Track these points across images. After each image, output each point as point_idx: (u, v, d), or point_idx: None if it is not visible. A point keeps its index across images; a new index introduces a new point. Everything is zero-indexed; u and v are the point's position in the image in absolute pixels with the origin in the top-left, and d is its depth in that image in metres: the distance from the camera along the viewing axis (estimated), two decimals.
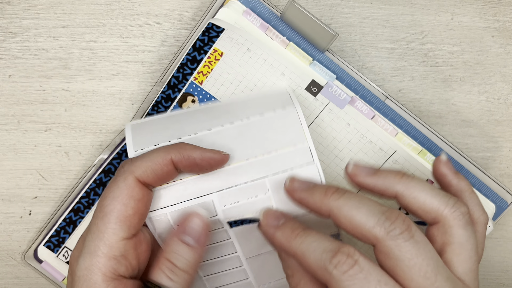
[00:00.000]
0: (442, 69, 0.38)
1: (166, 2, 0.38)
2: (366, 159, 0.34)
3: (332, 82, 0.34)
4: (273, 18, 0.35)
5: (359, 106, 0.34)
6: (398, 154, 0.34)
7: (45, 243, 0.36)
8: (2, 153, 0.37)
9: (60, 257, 0.36)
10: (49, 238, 0.36)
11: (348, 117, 0.34)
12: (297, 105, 0.31)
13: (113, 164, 0.36)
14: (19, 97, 0.37)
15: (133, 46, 0.38)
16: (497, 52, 0.38)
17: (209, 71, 0.35)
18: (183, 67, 0.35)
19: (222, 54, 0.35)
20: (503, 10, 0.38)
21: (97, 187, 0.36)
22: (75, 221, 0.36)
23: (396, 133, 0.34)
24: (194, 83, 0.35)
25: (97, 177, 0.36)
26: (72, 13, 0.37)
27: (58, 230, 0.36)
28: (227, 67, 0.35)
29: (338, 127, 0.34)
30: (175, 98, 0.35)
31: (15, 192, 0.37)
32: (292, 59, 0.35)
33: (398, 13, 0.38)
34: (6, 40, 0.37)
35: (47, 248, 0.36)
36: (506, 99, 0.38)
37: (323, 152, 0.35)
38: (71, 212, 0.36)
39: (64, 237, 0.36)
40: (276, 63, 0.34)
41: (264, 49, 0.34)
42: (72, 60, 0.37)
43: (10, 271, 0.37)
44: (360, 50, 0.38)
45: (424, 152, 0.34)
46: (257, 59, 0.34)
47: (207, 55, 0.35)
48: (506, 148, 0.38)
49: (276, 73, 0.34)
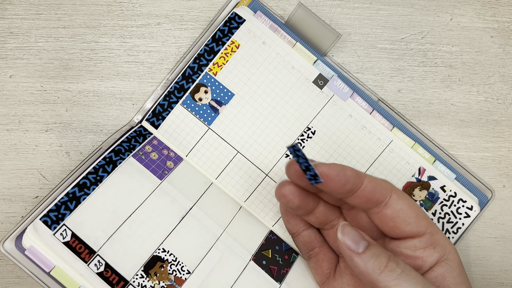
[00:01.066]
0: (441, 69, 0.38)
1: (167, 3, 0.38)
2: (365, 148, 0.36)
3: (337, 77, 0.36)
4: (279, 24, 0.37)
5: (359, 101, 0.36)
6: (394, 144, 0.36)
7: (42, 218, 0.31)
8: (3, 153, 0.37)
9: (56, 235, 0.31)
10: (47, 213, 0.31)
11: (350, 109, 0.36)
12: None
13: (123, 146, 0.35)
14: (20, 97, 0.37)
15: (133, 46, 0.38)
16: (496, 53, 0.38)
17: (225, 62, 0.36)
18: (200, 58, 0.36)
19: (239, 46, 0.36)
20: (502, 11, 0.38)
21: (106, 165, 0.34)
22: (79, 197, 0.32)
23: (392, 127, 0.36)
24: (208, 74, 0.36)
25: (107, 155, 0.34)
26: (73, 13, 0.38)
27: (58, 204, 0.32)
28: (242, 59, 0.36)
29: (341, 118, 0.36)
30: (188, 89, 0.36)
31: (16, 192, 0.37)
32: (299, 58, 0.37)
33: (397, 14, 0.38)
34: (7, 40, 0.37)
35: (44, 224, 0.31)
36: (505, 99, 0.38)
37: (327, 142, 0.36)
38: (75, 187, 0.32)
39: (64, 214, 0.32)
40: (288, 56, 0.36)
41: (278, 43, 0.36)
42: (73, 60, 0.38)
43: (11, 270, 0.37)
44: (360, 51, 0.38)
45: (417, 146, 0.36)
46: (271, 52, 0.36)
47: (224, 47, 0.36)
48: (505, 148, 0.38)
49: (287, 66, 0.36)
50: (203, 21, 0.38)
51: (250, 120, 0.36)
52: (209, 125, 0.36)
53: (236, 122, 0.36)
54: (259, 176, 0.36)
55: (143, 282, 0.32)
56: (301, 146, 0.36)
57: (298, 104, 0.36)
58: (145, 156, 0.36)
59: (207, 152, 0.36)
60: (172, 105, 0.36)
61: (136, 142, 0.36)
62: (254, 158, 0.36)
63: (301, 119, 0.36)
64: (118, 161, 0.35)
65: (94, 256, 0.31)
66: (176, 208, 0.34)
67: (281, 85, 0.36)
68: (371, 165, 0.36)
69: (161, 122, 0.36)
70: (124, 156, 0.35)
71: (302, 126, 0.36)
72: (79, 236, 0.32)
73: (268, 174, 0.36)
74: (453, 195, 0.36)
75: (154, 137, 0.36)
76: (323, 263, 0.33)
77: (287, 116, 0.36)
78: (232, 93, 0.36)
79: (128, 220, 0.33)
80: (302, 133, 0.36)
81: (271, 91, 0.36)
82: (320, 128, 0.36)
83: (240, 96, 0.36)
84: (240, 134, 0.36)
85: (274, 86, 0.36)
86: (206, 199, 0.36)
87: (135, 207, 0.33)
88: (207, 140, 0.36)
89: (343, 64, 0.38)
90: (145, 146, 0.36)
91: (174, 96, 0.36)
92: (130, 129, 0.36)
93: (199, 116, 0.36)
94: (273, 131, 0.36)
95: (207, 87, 0.36)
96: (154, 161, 0.36)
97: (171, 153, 0.36)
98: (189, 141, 0.36)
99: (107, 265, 0.32)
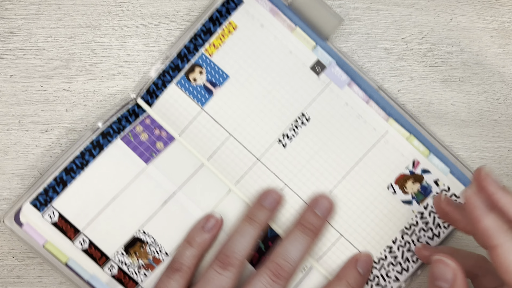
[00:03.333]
0: (441, 69, 0.38)
1: (167, 3, 0.38)
2: (360, 138, 0.36)
3: (335, 64, 0.36)
4: (281, 6, 0.36)
5: (356, 90, 0.36)
6: (389, 135, 0.36)
7: (32, 201, 0.35)
8: (3, 153, 0.37)
9: (45, 217, 0.35)
10: (36, 196, 0.35)
11: (346, 96, 0.36)
12: None
13: (112, 128, 0.36)
14: (20, 97, 0.37)
15: (133, 46, 0.38)
16: (496, 53, 0.38)
17: (221, 43, 0.36)
18: (196, 38, 0.36)
19: (236, 28, 0.36)
20: (502, 11, 0.38)
21: (93, 149, 0.35)
22: (66, 181, 0.35)
23: (387, 118, 0.36)
24: (204, 54, 0.36)
25: (95, 138, 0.35)
26: (73, 13, 0.38)
27: (46, 189, 0.35)
28: (239, 40, 0.36)
29: (337, 106, 0.36)
30: (183, 69, 0.36)
31: (16, 192, 0.37)
32: (297, 43, 0.36)
33: (397, 14, 0.38)
34: (7, 40, 0.37)
35: (33, 206, 0.35)
36: (505, 99, 0.38)
37: (321, 129, 0.36)
38: (63, 171, 0.35)
39: (52, 197, 0.35)
40: (286, 40, 0.36)
41: (277, 26, 0.36)
42: (73, 60, 0.38)
43: (11, 270, 0.37)
44: (360, 51, 0.38)
45: (412, 138, 0.36)
46: (269, 35, 0.36)
47: (221, 27, 0.36)
48: (505, 148, 0.38)
49: (285, 50, 0.36)
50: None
51: (244, 104, 0.36)
52: (203, 106, 0.36)
53: (230, 105, 0.36)
54: (250, 160, 0.36)
55: (123, 259, 0.35)
56: (295, 132, 0.36)
57: (293, 89, 0.36)
58: (134, 137, 0.36)
59: (200, 133, 0.36)
60: (166, 84, 0.36)
61: (127, 122, 0.36)
62: (247, 142, 0.36)
63: (296, 105, 0.36)
64: (105, 144, 0.35)
65: (79, 234, 0.35)
66: (160, 192, 0.36)
67: (277, 70, 0.36)
68: (365, 155, 0.36)
69: (154, 101, 0.36)
70: (112, 139, 0.35)
71: (296, 112, 0.36)
72: (65, 217, 0.35)
73: (259, 158, 0.36)
74: (446, 189, 0.36)
75: (147, 116, 0.36)
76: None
77: (282, 101, 0.36)
78: (227, 75, 0.36)
79: (111, 203, 0.35)
80: (296, 119, 0.36)
81: (267, 75, 0.36)
82: (315, 115, 0.36)
83: (235, 78, 0.36)
84: (233, 117, 0.36)
85: (270, 70, 0.36)
86: (193, 183, 0.36)
87: (118, 191, 0.35)
88: (200, 122, 0.36)
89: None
90: (135, 127, 0.36)
91: (168, 75, 0.36)
92: (123, 107, 0.36)
93: (193, 97, 0.36)
94: (267, 116, 0.36)
95: (202, 68, 0.36)
96: (143, 142, 0.36)
97: (163, 132, 0.36)
98: (182, 121, 0.36)
99: (91, 243, 0.35)
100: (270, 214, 0.35)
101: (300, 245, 0.34)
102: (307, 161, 0.36)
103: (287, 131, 0.36)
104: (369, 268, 0.35)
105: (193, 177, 0.36)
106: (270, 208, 0.35)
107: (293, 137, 0.36)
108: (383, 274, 0.36)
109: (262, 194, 0.35)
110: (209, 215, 0.35)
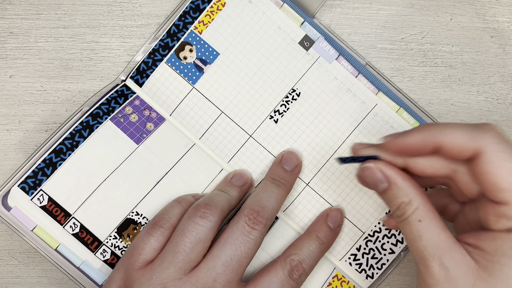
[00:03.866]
0: (441, 69, 0.38)
1: (167, 3, 0.38)
2: (350, 111, 0.36)
3: (323, 38, 0.36)
4: None
5: (345, 64, 0.36)
6: (379, 108, 0.36)
7: (20, 184, 0.34)
8: (3, 153, 0.37)
9: (34, 200, 0.34)
10: (24, 179, 0.34)
11: (335, 71, 0.36)
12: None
13: (101, 109, 0.36)
14: (20, 97, 0.37)
15: (133, 46, 0.38)
16: (496, 53, 0.38)
17: (210, 21, 0.36)
18: (185, 16, 0.36)
19: (225, 4, 0.36)
20: (502, 11, 0.38)
21: (83, 130, 0.35)
22: (55, 163, 0.34)
23: (377, 92, 0.36)
24: (194, 32, 0.36)
25: (84, 119, 0.35)
26: (73, 13, 0.38)
27: (35, 171, 0.34)
28: (228, 17, 0.36)
29: (326, 80, 0.36)
30: (173, 47, 0.36)
31: None
32: (285, 19, 0.36)
33: (397, 14, 0.38)
34: (7, 40, 0.37)
35: (22, 190, 0.34)
36: (505, 99, 0.38)
37: (312, 104, 0.36)
38: (52, 153, 0.34)
39: (41, 180, 0.34)
40: (274, 16, 0.36)
41: (265, 2, 0.36)
42: (73, 60, 0.38)
43: (11, 270, 0.37)
44: (360, 51, 0.38)
45: (402, 110, 0.36)
46: (257, 12, 0.36)
47: (210, 4, 0.36)
48: None
49: (273, 26, 0.36)
50: None
51: (235, 80, 0.36)
52: (194, 84, 0.36)
53: (220, 82, 0.36)
54: (243, 136, 0.36)
55: (116, 243, 0.35)
56: (286, 108, 0.36)
57: (283, 65, 0.36)
58: (124, 118, 0.36)
59: (191, 112, 0.36)
60: (156, 63, 0.36)
61: (116, 103, 0.36)
62: (238, 118, 0.36)
63: (286, 81, 0.36)
64: (95, 125, 0.35)
65: (69, 218, 0.34)
66: (152, 172, 0.35)
67: (266, 46, 0.36)
68: (355, 128, 0.36)
69: (145, 80, 0.36)
70: (102, 120, 0.35)
71: (287, 87, 0.36)
72: (55, 200, 0.34)
73: (252, 135, 0.36)
74: None
75: (136, 97, 0.36)
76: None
77: (272, 77, 0.36)
78: (217, 52, 0.36)
79: (102, 184, 0.35)
80: (287, 95, 0.36)
81: (256, 51, 0.36)
82: (305, 90, 0.36)
83: (225, 55, 0.36)
84: (224, 94, 0.36)
85: (259, 46, 0.36)
86: (185, 162, 0.36)
87: (110, 172, 0.35)
88: (191, 100, 0.36)
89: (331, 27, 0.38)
90: (125, 108, 0.36)
91: (158, 53, 0.36)
92: (112, 89, 0.36)
93: (183, 75, 0.36)
94: (258, 92, 0.36)
95: (192, 46, 0.36)
96: (133, 123, 0.36)
97: (153, 113, 0.36)
98: (173, 100, 0.36)
99: (82, 227, 0.34)
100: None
101: (273, 193, 0.34)
102: (299, 136, 0.36)
103: (278, 106, 0.36)
104: (340, 223, 0.35)
105: (185, 156, 0.36)
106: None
107: (284, 112, 0.36)
108: (378, 247, 0.36)
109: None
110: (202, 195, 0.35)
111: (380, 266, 0.36)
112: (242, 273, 0.31)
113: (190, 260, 0.31)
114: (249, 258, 0.31)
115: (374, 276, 0.36)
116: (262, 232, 0.32)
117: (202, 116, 0.36)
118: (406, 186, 0.28)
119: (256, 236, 0.32)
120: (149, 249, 0.31)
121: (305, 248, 0.33)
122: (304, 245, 0.33)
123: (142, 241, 0.32)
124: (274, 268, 0.32)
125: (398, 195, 0.28)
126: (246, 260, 0.31)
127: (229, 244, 0.31)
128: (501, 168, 0.26)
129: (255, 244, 0.32)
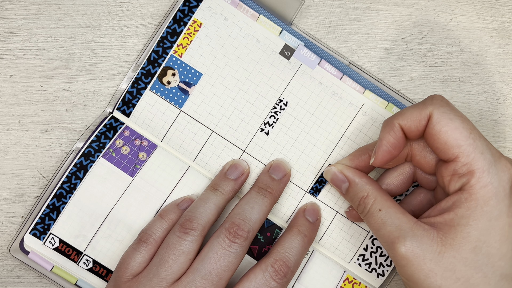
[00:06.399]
0: (441, 69, 0.38)
1: (167, 3, 0.38)
2: (338, 114, 0.37)
3: (303, 46, 0.36)
4: None
5: (328, 68, 0.37)
6: (366, 106, 0.37)
7: (31, 231, 0.35)
8: (3, 153, 0.37)
9: (46, 244, 0.35)
10: (34, 226, 0.35)
11: (319, 76, 0.36)
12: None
13: (92, 147, 0.36)
14: (20, 97, 0.37)
15: (133, 46, 0.38)
16: (496, 53, 0.38)
17: (189, 43, 0.36)
18: (163, 41, 0.36)
19: (201, 25, 0.36)
20: (502, 11, 0.38)
21: (77, 171, 0.36)
22: (58, 207, 0.35)
23: (363, 91, 0.37)
24: (174, 56, 0.36)
25: (77, 161, 0.36)
26: (73, 13, 0.38)
27: (42, 217, 0.35)
28: (206, 37, 0.36)
29: (311, 86, 0.37)
30: (155, 73, 0.36)
31: (16, 192, 0.37)
32: (263, 31, 0.36)
33: (397, 14, 0.38)
34: (7, 40, 0.37)
35: (33, 236, 0.35)
36: (504, 99, 0.38)
37: (300, 112, 0.37)
38: (54, 198, 0.35)
39: (49, 224, 0.35)
40: (252, 30, 0.36)
41: (240, 18, 0.36)
42: (73, 60, 0.38)
43: (11, 270, 0.37)
44: (360, 51, 0.38)
45: (391, 105, 0.37)
46: (234, 28, 0.36)
47: (186, 27, 0.36)
48: (505, 148, 0.38)
49: (252, 40, 0.36)
50: None
51: (221, 98, 0.36)
52: (181, 107, 0.36)
53: (207, 102, 0.36)
54: (237, 153, 0.36)
55: None
56: (275, 118, 0.36)
57: (267, 77, 0.36)
58: (116, 152, 0.36)
59: (182, 135, 0.36)
60: (141, 91, 0.36)
61: (106, 138, 0.36)
62: (230, 135, 0.36)
63: (272, 92, 0.36)
64: (89, 165, 0.36)
65: (82, 256, 0.35)
66: (150, 203, 0.36)
67: (248, 60, 0.36)
68: (346, 130, 0.36)
69: (132, 110, 0.36)
70: (94, 158, 0.36)
71: (273, 98, 0.36)
72: (65, 241, 0.35)
73: (245, 150, 0.36)
74: None
75: (126, 127, 0.36)
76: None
77: (257, 90, 0.36)
78: (200, 73, 0.36)
79: (105, 220, 0.36)
80: (274, 106, 0.36)
81: (238, 67, 0.36)
82: (292, 98, 0.36)
83: (208, 75, 0.36)
84: (212, 113, 0.36)
85: (241, 61, 0.36)
86: (182, 187, 0.36)
87: (110, 209, 0.36)
88: (180, 123, 0.36)
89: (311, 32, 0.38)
90: (115, 141, 0.36)
91: (141, 82, 0.36)
92: (100, 123, 0.36)
93: (169, 100, 0.36)
94: (246, 107, 0.36)
95: (174, 70, 0.36)
96: (125, 156, 0.36)
97: (144, 141, 0.36)
98: (162, 126, 0.36)
99: (95, 262, 0.36)
100: (234, 185, 0.35)
101: (256, 204, 0.34)
102: (292, 144, 0.36)
103: (268, 118, 0.36)
104: (317, 216, 0.36)
105: (182, 180, 0.36)
106: (235, 179, 0.35)
107: (274, 123, 0.36)
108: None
109: (229, 167, 0.36)
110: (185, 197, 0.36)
111: (390, 263, 0.36)
112: (223, 286, 0.32)
113: (172, 271, 0.32)
114: (230, 271, 0.32)
115: (385, 274, 0.36)
116: (243, 245, 0.32)
117: (193, 138, 0.36)
118: (363, 183, 0.32)
119: (237, 249, 0.32)
120: (134, 264, 0.33)
121: (288, 244, 0.33)
122: (287, 241, 0.34)
123: (128, 256, 0.33)
124: (254, 273, 0.32)
125: (357, 191, 0.32)
126: (226, 273, 0.32)
127: (209, 258, 0.32)
128: (448, 126, 0.29)
129: (236, 257, 0.32)
